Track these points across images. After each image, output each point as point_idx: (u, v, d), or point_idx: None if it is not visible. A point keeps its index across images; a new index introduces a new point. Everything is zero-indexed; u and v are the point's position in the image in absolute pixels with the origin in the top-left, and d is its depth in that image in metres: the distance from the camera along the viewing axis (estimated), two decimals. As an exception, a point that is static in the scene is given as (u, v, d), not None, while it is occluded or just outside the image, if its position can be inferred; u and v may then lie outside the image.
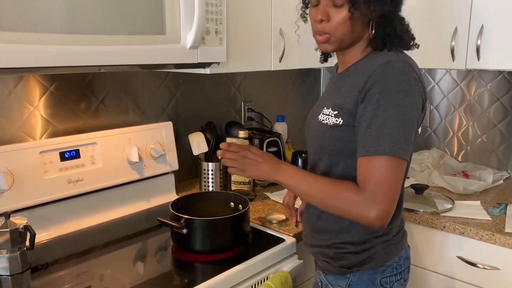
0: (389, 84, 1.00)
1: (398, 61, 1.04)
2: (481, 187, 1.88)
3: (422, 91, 1.05)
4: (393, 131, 0.98)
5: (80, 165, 1.50)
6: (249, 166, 1.12)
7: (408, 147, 1.00)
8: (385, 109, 0.99)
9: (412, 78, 1.03)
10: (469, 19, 1.76)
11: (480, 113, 2.17)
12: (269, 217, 1.57)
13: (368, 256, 1.13)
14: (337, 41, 1.09)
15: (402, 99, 0.99)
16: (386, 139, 0.98)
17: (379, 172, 0.98)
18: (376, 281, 1.14)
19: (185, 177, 1.97)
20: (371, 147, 0.99)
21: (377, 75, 1.02)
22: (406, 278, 1.20)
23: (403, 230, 1.21)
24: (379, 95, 1.00)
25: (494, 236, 1.49)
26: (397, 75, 1.01)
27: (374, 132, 0.99)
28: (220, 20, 1.43)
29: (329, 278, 1.20)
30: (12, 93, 1.44)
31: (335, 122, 1.09)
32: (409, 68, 1.03)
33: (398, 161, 0.98)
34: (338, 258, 1.16)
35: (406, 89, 1.00)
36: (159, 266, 1.29)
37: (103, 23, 1.15)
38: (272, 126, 2.28)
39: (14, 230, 1.17)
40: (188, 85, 1.95)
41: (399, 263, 1.16)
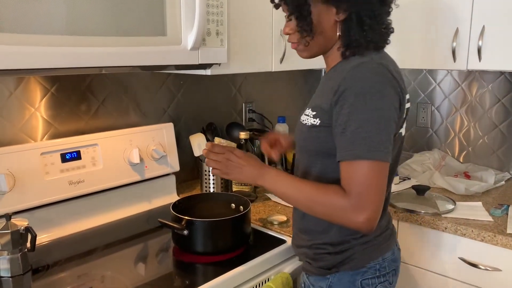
0: (362, 86, 0.99)
1: (370, 63, 1.02)
2: (482, 188, 1.88)
3: (399, 90, 1.03)
4: (369, 134, 0.97)
5: (81, 166, 1.50)
6: (233, 169, 1.12)
7: (387, 149, 0.98)
8: (359, 112, 0.98)
9: (386, 78, 1.01)
10: (470, 20, 1.76)
11: (481, 114, 2.16)
12: (270, 218, 1.57)
13: (346, 257, 1.12)
14: (307, 50, 1.12)
15: (377, 101, 0.98)
16: (362, 143, 0.97)
17: (361, 176, 0.97)
18: (357, 283, 1.13)
19: (186, 178, 1.97)
20: (346, 152, 0.99)
21: (350, 78, 1.01)
22: (392, 281, 1.19)
23: (388, 232, 1.20)
24: (352, 98, 0.99)
25: (496, 237, 1.49)
26: (370, 77, 1.00)
27: (349, 136, 0.98)
28: (221, 21, 1.43)
29: (311, 279, 1.19)
30: (13, 95, 1.44)
31: (313, 123, 1.08)
32: (382, 69, 1.02)
33: (378, 164, 0.97)
34: (317, 259, 1.16)
35: (380, 91, 0.99)
36: (160, 267, 1.29)
37: (104, 25, 1.15)
38: (273, 127, 2.27)
39: (15, 231, 1.17)
40: (189, 86, 1.95)
41: (383, 265, 1.15)
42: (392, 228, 1.24)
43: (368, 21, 1.05)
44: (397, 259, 1.21)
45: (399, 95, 1.03)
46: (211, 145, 1.15)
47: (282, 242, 1.40)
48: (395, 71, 1.05)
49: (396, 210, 1.70)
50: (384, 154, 0.98)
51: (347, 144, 0.99)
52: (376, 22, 1.07)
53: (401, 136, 1.12)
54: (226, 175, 1.13)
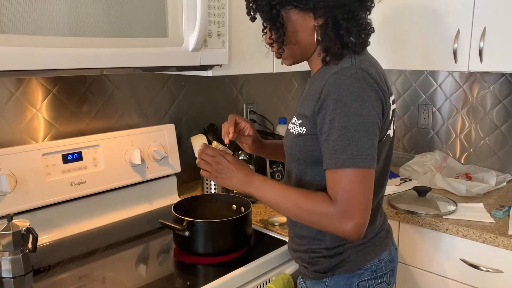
0: (342, 93, 0.98)
1: (350, 68, 1.01)
2: (484, 190, 1.87)
3: (381, 94, 1.02)
4: (350, 142, 0.96)
5: (83, 167, 1.50)
6: (222, 173, 1.12)
7: (371, 155, 0.97)
8: (340, 120, 0.97)
9: (367, 83, 1.00)
10: (471, 21, 1.76)
11: (483, 115, 2.16)
12: (271, 220, 1.57)
13: (341, 260, 1.12)
14: (287, 58, 1.14)
15: (358, 107, 0.97)
16: (344, 151, 0.96)
17: (345, 184, 0.96)
18: (354, 285, 1.13)
19: (187, 179, 1.97)
20: (331, 160, 0.98)
21: (330, 85, 1.00)
22: (390, 282, 1.18)
23: (383, 233, 1.19)
24: (333, 106, 0.98)
25: (497, 239, 1.49)
26: (350, 83, 0.99)
27: (332, 144, 0.98)
28: (222, 22, 1.43)
29: (308, 283, 1.19)
30: (14, 96, 1.44)
31: (299, 131, 1.08)
32: (362, 74, 1.00)
33: (363, 172, 0.96)
34: (313, 263, 1.16)
35: (361, 97, 0.98)
36: (161, 268, 1.29)
37: (105, 26, 1.15)
38: (274, 128, 2.27)
39: (17, 232, 1.17)
40: (191, 87, 1.95)
41: (379, 266, 1.15)
42: (387, 228, 1.24)
43: (345, 25, 1.04)
44: (394, 259, 1.21)
45: (382, 99, 1.02)
46: (204, 147, 1.15)
47: (283, 243, 1.40)
48: (376, 74, 1.04)
49: (397, 211, 1.70)
50: (368, 161, 0.97)
51: (330, 152, 0.98)
52: (353, 24, 1.05)
53: (389, 138, 1.12)
54: (214, 178, 1.13)
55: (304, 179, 1.12)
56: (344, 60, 1.05)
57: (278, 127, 2.24)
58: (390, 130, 1.11)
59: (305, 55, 1.13)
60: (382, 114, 1.03)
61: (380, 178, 1.14)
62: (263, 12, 1.08)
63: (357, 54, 1.07)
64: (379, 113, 1.01)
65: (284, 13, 1.07)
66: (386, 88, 1.06)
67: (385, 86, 1.06)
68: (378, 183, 1.13)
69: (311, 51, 1.11)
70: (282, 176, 1.95)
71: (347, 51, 1.06)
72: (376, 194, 1.13)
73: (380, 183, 1.15)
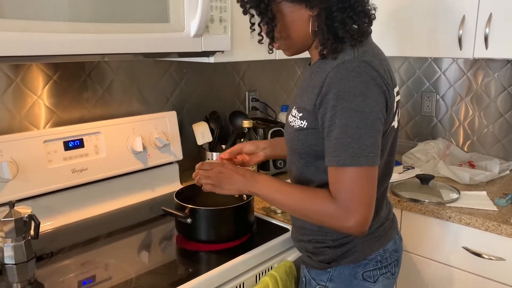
0: (344, 89, 0.95)
1: (352, 61, 0.98)
2: (487, 178, 1.87)
3: (384, 88, 0.99)
4: (352, 139, 0.94)
5: (84, 154, 1.49)
6: (224, 181, 1.12)
7: (373, 152, 0.95)
8: (341, 116, 0.95)
9: (370, 77, 0.96)
10: (477, 7, 1.73)
11: (487, 103, 2.15)
12: (273, 207, 1.57)
13: (346, 250, 1.11)
14: (286, 50, 1.12)
15: (360, 103, 0.94)
16: (345, 149, 0.94)
17: (347, 182, 0.95)
18: (358, 275, 1.12)
19: (189, 167, 1.96)
20: (332, 157, 0.96)
21: (331, 79, 0.97)
22: (394, 272, 1.18)
23: (388, 223, 1.18)
24: (334, 101, 0.95)
25: (500, 227, 1.48)
26: (352, 77, 0.95)
27: (333, 141, 0.96)
28: (224, 7, 1.41)
29: (312, 273, 1.18)
30: (15, 82, 1.43)
31: (300, 125, 1.06)
32: (365, 67, 0.97)
33: (365, 169, 0.95)
34: (317, 253, 1.15)
35: (363, 92, 0.95)
36: (163, 255, 1.29)
37: (106, 11, 1.14)
38: (276, 116, 2.26)
39: (19, 219, 1.17)
40: (192, 74, 1.94)
41: (384, 256, 1.14)
42: (392, 218, 1.23)
43: (340, 16, 1.00)
44: (399, 249, 1.21)
45: (385, 93, 0.99)
46: (200, 164, 1.16)
47: (285, 231, 1.40)
48: (380, 66, 1.00)
49: (400, 200, 1.70)
50: (369, 159, 0.95)
51: (332, 150, 0.97)
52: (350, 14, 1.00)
53: (394, 129, 1.09)
54: (219, 188, 1.13)
55: (306, 173, 1.11)
56: (346, 52, 1.01)
57: (280, 115, 2.23)
58: (395, 121, 1.08)
59: (303, 46, 1.10)
60: (386, 108, 1.00)
61: (385, 168, 1.13)
62: (253, 6, 1.07)
63: (360, 44, 1.03)
64: (382, 108, 0.98)
65: (275, 6, 1.04)
66: (390, 80, 1.03)
67: (389, 79, 1.03)
68: (383, 173, 1.11)
69: (309, 42, 1.08)
70: (285, 164, 1.94)
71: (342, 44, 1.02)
72: (380, 184, 1.12)
73: (385, 173, 1.14)
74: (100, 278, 1.15)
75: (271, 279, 1.22)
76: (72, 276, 1.15)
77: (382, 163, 1.09)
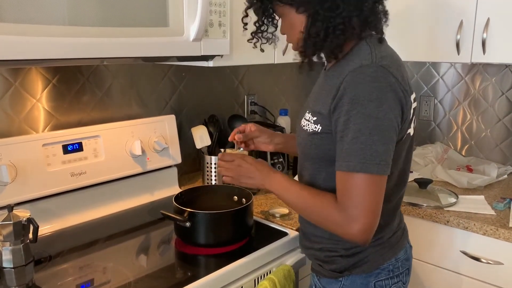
0: (359, 94, 0.94)
1: (370, 66, 0.96)
2: (485, 182, 1.87)
3: (401, 95, 0.97)
4: (364, 146, 0.93)
5: (83, 158, 1.49)
6: (243, 175, 1.16)
7: (384, 161, 0.94)
8: (355, 121, 0.93)
9: (387, 83, 0.95)
10: (475, 12, 1.74)
11: (485, 107, 2.15)
12: (272, 211, 1.57)
13: (359, 260, 1.10)
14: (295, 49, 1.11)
15: (375, 109, 0.93)
16: (357, 155, 0.93)
17: (354, 189, 0.94)
18: (370, 285, 1.10)
19: (188, 170, 1.96)
20: (343, 162, 0.96)
21: (347, 83, 0.96)
22: (405, 281, 1.16)
23: (400, 232, 1.17)
24: (349, 106, 0.94)
25: (498, 231, 1.49)
26: (368, 82, 0.94)
27: (346, 146, 0.95)
28: (223, 12, 1.41)
29: (322, 281, 1.16)
30: (14, 86, 1.44)
31: (314, 129, 1.05)
32: (383, 73, 0.95)
33: (374, 178, 0.94)
34: (329, 262, 1.13)
35: (378, 98, 0.93)
36: (162, 259, 1.29)
37: (105, 15, 1.14)
38: (275, 119, 2.27)
39: (17, 222, 1.17)
40: (191, 78, 1.94)
41: (396, 266, 1.13)
42: (403, 227, 1.21)
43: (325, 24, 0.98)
44: (410, 258, 1.19)
45: (402, 100, 0.97)
46: (221, 155, 1.18)
47: (284, 235, 1.40)
48: (397, 72, 0.99)
49: (398, 203, 1.70)
50: (381, 167, 0.93)
51: (343, 155, 0.96)
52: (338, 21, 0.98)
53: (409, 137, 1.08)
54: (237, 181, 1.17)
55: (317, 179, 1.10)
56: (364, 56, 0.99)
57: (279, 119, 2.23)
58: (411, 128, 1.07)
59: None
60: (402, 115, 0.98)
61: (400, 177, 1.10)
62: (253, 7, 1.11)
63: (377, 47, 1.01)
64: (397, 115, 0.96)
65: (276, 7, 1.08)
66: (408, 87, 1.01)
67: (407, 85, 1.01)
68: (397, 182, 1.10)
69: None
70: (283, 168, 1.94)
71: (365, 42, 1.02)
72: (395, 193, 1.11)
73: (400, 182, 1.11)
74: (99, 281, 1.15)
75: (270, 283, 1.22)
76: (70, 280, 1.15)
77: (396, 171, 1.07)
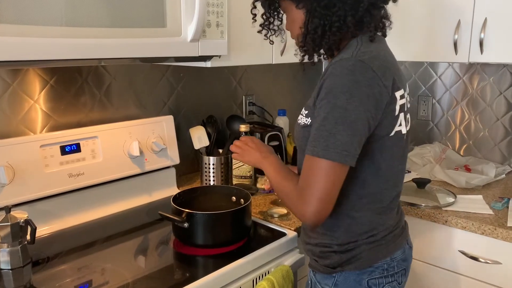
0: (334, 85, 0.98)
1: (349, 60, 0.99)
2: (483, 181, 1.87)
3: (378, 90, 0.98)
4: (329, 133, 0.96)
5: (81, 159, 1.49)
6: (246, 153, 1.25)
7: (347, 151, 0.96)
8: (325, 110, 0.98)
9: (363, 77, 0.97)
10: (472, 12, 1.75)
11: (482, 107, 2.16)
12: (270, 211, 1.57)
13: (352, 256, 1.11)
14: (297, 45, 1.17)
15: (345, 101, 0.96)
16: (321, 141, 0.97)
17: (314, 173, 0.98)
18: (363, 282, 1.11)
19: (186, 171, 1.96)
20: (309, 147, 1.00)
21: (327, 75, 1.00)
22: (401, 281, 1.16)
23: (398, 231, 1.17)
24: (324, 95, 0.99)
25: (496, 231, 1.49)
26: (345, 75, 0.97)
27: (314, 132, 1.00)
28: (221, 12, 1.41)
29: (317, 276, 1.18)
30: (11, 87, 1.43)
31: (305, 122, 1.08)
32: (360, 67, 0.98)
33: (333, 165, 0.96)
34: (323, 257, 1.15)
35: (350, 91, 0.96)
36: (160, 260, 1.29)
37: (103, 16, 1.14)
38: (273, 120, 2.27)
39: (15, 224, 1.17)
40: (189, 78, 1.94)
41: (391, 265, 1.13)
42: (402, 227, 1.21)
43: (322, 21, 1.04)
44: (407, 258, 1.19)
45: (377, 95, 0.99)
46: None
47: (282, 235, 1.40)
48: (379, 67, 1.00)
49: (396, 203, 1.70)
50: (342, 156, 0.96)
51: (311, 139, 1.00)
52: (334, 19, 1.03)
53: (401, 135, 1.08)
54: (241, 157, 1.27)
55: None
56: (347, 51, 1.03)
57: (277, 119, 2.23)
58: (402, 126, 1.07)
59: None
60: (379, 110, 1.00)
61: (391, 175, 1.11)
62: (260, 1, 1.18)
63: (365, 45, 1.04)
64: (369, 109, 0.98)
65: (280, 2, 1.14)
66: (389, 82, 1.02)
67: (389, 81, 1.01)
68: (387, 179, 1.10)
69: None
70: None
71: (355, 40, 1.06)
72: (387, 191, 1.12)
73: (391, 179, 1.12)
74: (97, 282, 1.14)
75: (268, 283, 1.22)
76: (68, 281, 1.15)
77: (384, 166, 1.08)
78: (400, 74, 1.08)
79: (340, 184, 1.00)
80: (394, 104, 1.03)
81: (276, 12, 1.18)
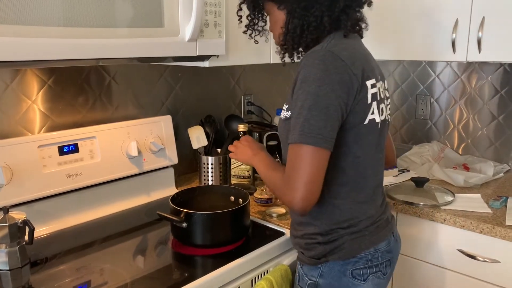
0: (307, 74, 1.03)
1: (319, 51, 1.06)
2: (481, 180, 1.88)
3: (348, 78, 1.04)
4: (303, 119, 1.01)
5: (79, 159, 1.49)
6: (240, 151, 1.29)
7: (322, 135, 1.01)
8: (299, 98, 1.03)
9: (333, 66, 1.03)
10: (470, 11, 1.75)
11: (481, 105, 2.16)
12: (269, 211, 1.57)
13: (335, 247, 1.14)
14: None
15: (316, 88, 1.01)
16: (298, 128, 1.02)
17: (295, 159, 1.02)
18: (348, 273, 1.14)
19: (184, 171, 1.96)
20: (290, 135, 1.05)
21: (301, 67, 1.06)
22: (386, 272, 1.19)
23: (381, 222, 1.20)
24: (298, 85, 1.05)
25: (494, 229, 1.49)
26: (316, 64, 1.03)
27: (293, 121, 1.05)
28: (219, 12, 1.41)
29: (304, 268, 1.22)
30: (9, 87, 1.43)
31: (286, 116, 1.12)
32: (330, 56, 1.04)
33: (310, 149, 1.01)
34: (308, 249, 1.18)
35: (321, 78, 1.02)
36: (159, 260, 1.29)
37: (101, 16, 1.14)
38: (271, 119, 2.27)
39: (13, 224, 1.17)
40: (187, 78, 1.94)
41: (375, 256, 1.16)
42: (387, 219, 1.24)
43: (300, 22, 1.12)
44: (393, 250, 1.21)
45: (347, 82, 1.04)
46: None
47: (281, 235, 1.40)
48: (348, 57, 1.06)
49: (395, 202, 1.70)
50: (317, 140, 1.00)
51: (291, 129, 1.05)
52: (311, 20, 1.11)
53: (375, 123, 1.12)
54: (235, 155, 1.31)
55: None
56: (320, 44, 1.10)
57: (275, 119, 2.23)
58: (374, 115, 1.12)
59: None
60: (350, 97, 1.05)
61: (369, 164, 1.16)
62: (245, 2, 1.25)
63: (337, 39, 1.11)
64: (340, 95, 1.03)
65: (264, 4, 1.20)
66: (359, 71, 1.07)
67: (358, 69, 1.07)
68: (365, 167, 1.15)
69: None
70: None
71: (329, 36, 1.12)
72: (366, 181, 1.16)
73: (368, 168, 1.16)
74: (95, 283, 1.14)
75: (267, 283, 1.22)
76: (67, 282, 1.15)
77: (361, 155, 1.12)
78: (371, 65, 1.14)
79: (324, 169, 1.03)
80: (365, 92, 1.09)
81: (260, 14, 1.25)
